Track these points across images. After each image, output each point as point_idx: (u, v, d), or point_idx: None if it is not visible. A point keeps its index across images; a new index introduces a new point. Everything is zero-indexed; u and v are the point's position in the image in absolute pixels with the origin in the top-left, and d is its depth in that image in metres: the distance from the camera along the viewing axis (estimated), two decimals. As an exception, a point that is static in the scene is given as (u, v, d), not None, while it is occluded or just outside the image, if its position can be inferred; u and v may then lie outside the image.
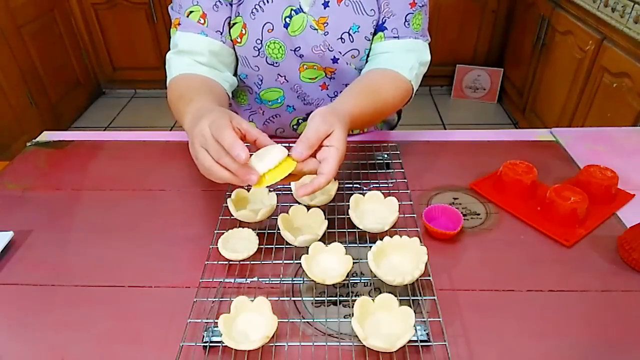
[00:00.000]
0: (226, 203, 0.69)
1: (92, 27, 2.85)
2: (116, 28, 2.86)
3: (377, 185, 0.79)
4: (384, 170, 0.83)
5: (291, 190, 0.72)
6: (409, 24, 0.80)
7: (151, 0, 2.71)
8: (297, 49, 0.81)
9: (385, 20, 0.80)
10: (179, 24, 0.79)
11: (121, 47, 2.94)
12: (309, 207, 0.69)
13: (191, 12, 0.78)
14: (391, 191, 0.77)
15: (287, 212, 0.68)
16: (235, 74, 0.87)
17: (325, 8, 0.78)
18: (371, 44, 0.83)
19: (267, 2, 0.77)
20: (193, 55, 0.79)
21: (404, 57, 0.80)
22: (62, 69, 2.71)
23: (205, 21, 0.78)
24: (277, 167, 0.56)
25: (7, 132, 2.25)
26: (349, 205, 0.68)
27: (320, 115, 0.59)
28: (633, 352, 0.53)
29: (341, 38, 0.80)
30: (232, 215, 0.68)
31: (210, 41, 0.78)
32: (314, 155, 0.59)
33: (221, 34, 0.80)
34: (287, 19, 0.78)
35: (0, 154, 2.20)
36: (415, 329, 0.52)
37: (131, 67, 3.02)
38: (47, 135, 0.97)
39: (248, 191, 0.73)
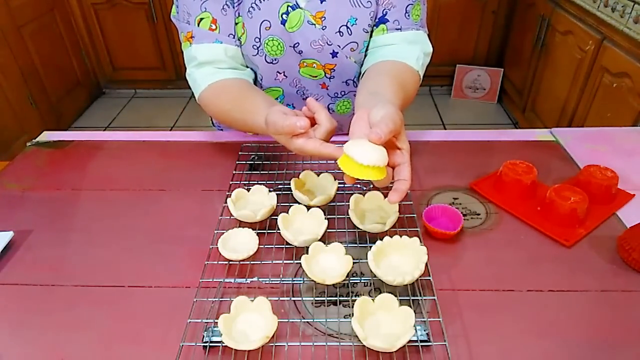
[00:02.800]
0: (226, 203, 0.69)
1: (92, 27, 2.85)
2: (116, 28, 2.86)
3: (377, 185, 0.79)
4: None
5: (291, 190, 0.72)
6: (409, 15, 0.81)
7: (151, 0, 2.72)
8: (296, 45, 0.81)
9: (386, 12, 0.80)
10: (193, 37, 0.79)
11: (121, 47, 2.94)
12: (309, 207, 0.69)
13: (201, 19, 0.78)
14: (391, 191, 0.77)
15: (287, 212, 0.68)
16: None
17: (322, 2, 0.78)
18: (370, 36, 0.83)
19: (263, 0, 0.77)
20: (214, 64, 0.80)
21: (409, 49, 0.81)
22: (62, 69, 2.71)
23: (216, 27, 0.78)
24: (369, 168, 0.53)
25: (7, 132, 2.25)
26: (349, 205, 0.68)
27: (394, 108, 0.57)
28: (633, 352, 0.53)
29: (339, 31, 0.80)
30: (232, 215, 0.68)
31: (226, 47, 0.80)
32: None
33: (233, 37, 0.80)
34: (284, 16, 0.78)
35: (0, 154, 2.20)
36: (415, 329, 0.52)
37: (131, 67, 3.02)
38: (47, 135, 0.97)
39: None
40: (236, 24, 0.80)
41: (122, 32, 2.87)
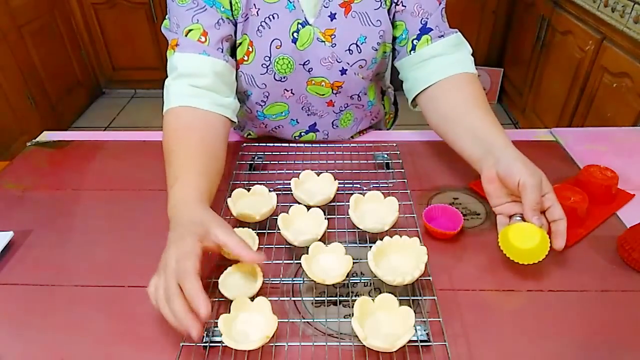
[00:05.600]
0: (226, 203, 0.69)
1: (92, 27, 2.86)
2: (116, 28, 2.86)
3: (377, 185, 0.79)
4: (384, 170, 0.83)
5: (291, 191, 0.72)
6: (444, 18, 0.80)
7: (151, 0, 2.72)
8: (306, 63, 0.79)
9: (425, 22, 0.78)
10: (177, 45, 0.73)
11: (121, 47, 2.94)
12: (309, 207, 0.69)
13: (190, 30, 0.73)
14: (391, 191, 0.77)
15: (287, 212, 0.68)
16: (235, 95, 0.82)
17: (332, 20, 0.77)
18: (377, 52, 0.81)
19: (274, 17, 0.75)
20: (195, 79, 0.72)
21: (461, 56, 0.80)
22: (62, 69, 2.71)
23: (206, 39, 0.73)
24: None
25: (7, 132, 2.25)
26: (349, 205, 0.68)
27: (531, 185, 0.61)
28: (633, 352, 0.53)
29: (349, 49, 0.79)
30: (232, 215, 0.68)
31: (214, 61, 0.73)
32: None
33: (222, 51, 0.75)
34: (295, 34, 0.76)
35: (0, 154, 2.20)
36: (415, 329, 0.52)
37: (131, 67, 3.03)
38: (47, 135, 0.97)
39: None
40: (240, 43, 0.77)
41: (122, 32, 2.87)
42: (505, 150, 0.67)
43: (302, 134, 0.92)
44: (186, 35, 0.73)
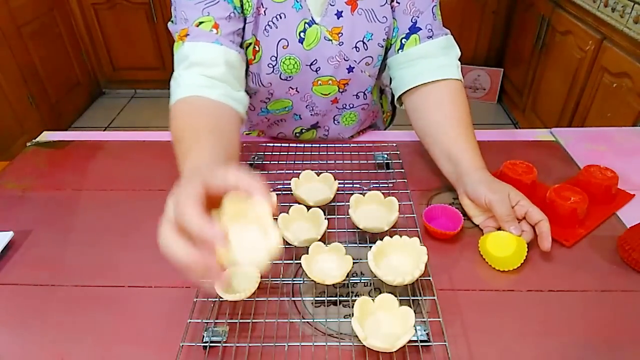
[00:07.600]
0: (226, 203, 0.69)
1: (92, 27, 2.86)
2: (116, 28, 2.86)
3: (377, 185, 0.79)
4: (384, 170, 0.83)
5: (291, 191, 0.72)
6: (435, 17, 0.80)
7: (151, 0, 2.72)
8: (313, 63, 0.79)
9: (415, 20, 0.79)
10: (187, 35, 0.70)
11: (121, 47, 2.94)
12: (309, 207, 0.69)
13: (201, 22, 0.70)
14: (391, 191, 0.77)
15: (287, 212, 0.68)
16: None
17: (338, 18, 0.76)
18: (385, 50, 0.82)
19: (281, 17, 0.74)
20: (207, 68, 0.69)
21: (447, 61, 0.80)
22: (62, 69, 2.71)
23: (218, 31, 0.70)
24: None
25: (7, 132, 2.25)
26: (349, 205, 0.68)
27: (496, 200, 0.66)
28: (633, 352, 0.53)
29: (356, 47, 0.79)
30: (232, 215, 0.68)
31: (227, 50, 0.71)
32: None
33: (234, 43, 0.73)
34: (302, 34, 0.76)
35: (0, 154, 2.20)
36: (415, 329, 0.52)
37: (131, 67, 3.03)
38: (47, 135, 0.97)
39: None
40: (249, 44, 0.76)
41: (122, 32, 2.87)
42: (471, 176, 0.70)
43: (303, 130, 0.92)
44: (197, 26, 0.71)
